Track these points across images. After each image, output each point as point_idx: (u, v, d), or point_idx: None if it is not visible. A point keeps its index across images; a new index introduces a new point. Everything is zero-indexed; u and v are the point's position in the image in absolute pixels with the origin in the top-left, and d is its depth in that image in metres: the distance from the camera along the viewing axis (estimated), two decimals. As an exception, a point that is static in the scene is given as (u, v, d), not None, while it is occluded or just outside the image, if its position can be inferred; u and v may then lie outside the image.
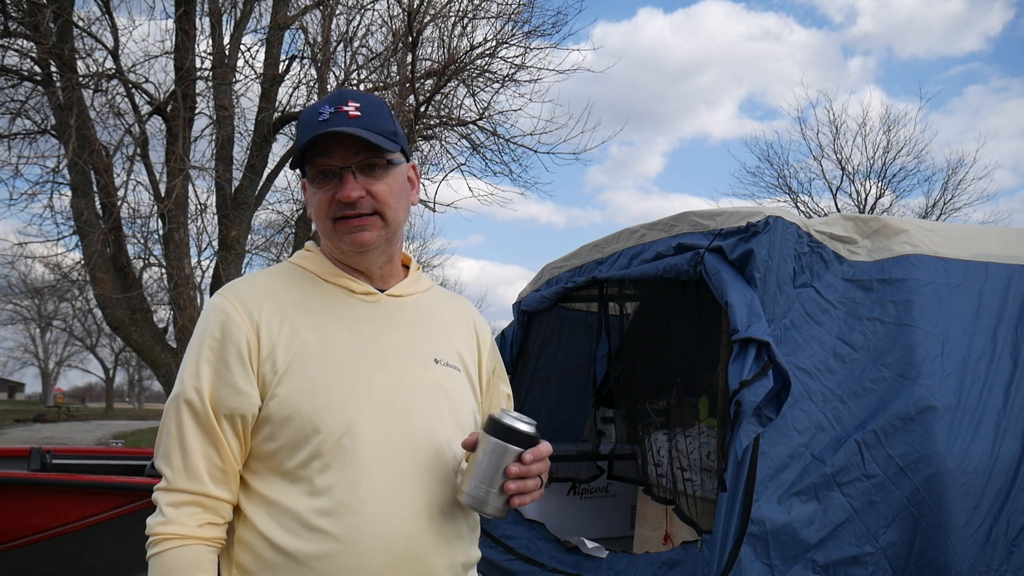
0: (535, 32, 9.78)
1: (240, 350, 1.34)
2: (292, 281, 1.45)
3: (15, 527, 4.63)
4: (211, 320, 1.38)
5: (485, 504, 1.32)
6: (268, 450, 1.35)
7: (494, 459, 1.30)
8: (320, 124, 1.37)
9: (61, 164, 8.39)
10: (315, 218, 1.44)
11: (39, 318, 40.73)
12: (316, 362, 1.36)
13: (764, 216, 2.91)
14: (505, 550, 3.74)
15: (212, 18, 9.17)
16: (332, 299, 1.44)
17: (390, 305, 1.48)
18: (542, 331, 4.46)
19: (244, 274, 10.07)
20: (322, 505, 1.30)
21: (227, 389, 1.34)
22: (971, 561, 2.67)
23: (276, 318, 1.38)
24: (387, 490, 1.33)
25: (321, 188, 1.39)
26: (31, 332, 45.15)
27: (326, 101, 1.42)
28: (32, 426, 26.39)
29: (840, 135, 20.49)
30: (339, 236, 1.41)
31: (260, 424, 1.35)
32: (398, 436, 1.37)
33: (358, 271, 1.48)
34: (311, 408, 1.32)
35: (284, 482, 1.33)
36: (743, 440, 2.64)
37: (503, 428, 1.31)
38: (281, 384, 1.33)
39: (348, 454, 1.32)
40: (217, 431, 1.34)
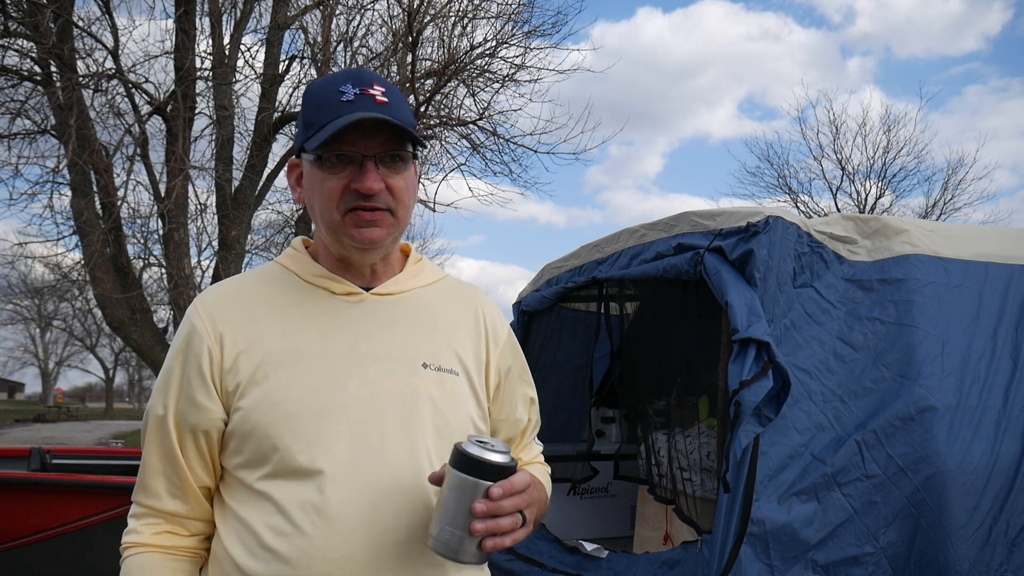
0: (535, 32, 9.79)
1: (200, 363, 1.27)
2: (271, 284, 1.36)
3: (15, 527, 4.63)
4: (181, 331, 1.33)
5: (458, 552, 1.13)
6: (235, 464, 1.27)
7: (461, 497, 1.11)
8: (346, 105, 1.25)
9: (61, 164, 8.40)
10: (319, 207, 1.30)
11: (39, 318, 40.73)
12: (280, 373, 1.25)
13: (764, 216, 2.90)
14: (505, 550, 3.74)
15: (212, 18, 9.17)
16: (309, 302, 1.33)
17: (376, 305, 1.35)
18: (542, 331, 4.46)
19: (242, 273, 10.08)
20: (277, 524, 1.21)
21: (188, 404, 1.28)
22: (971, 561, 2.67)
23: (243, 326, 1.29)
24: (345, 513, 1.21)
25: (334, 174, 1.27)
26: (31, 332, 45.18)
27: (347, 78, 1.29)
28: (32, 426, 26.40)
29: (840, 135, 20.50)
30: (346, 230, 1.28)
31: (227, 439, 1.28)
32: (365, 453, 1.24)
33: (348, 269, 1.36)
34: (269, 422, 1.23)
35: (250, 498, 1.26)
36: (743, 440, 2.64)
37: (468, 459, 1.12)
38: (243, 398, 1.25)
39: (306, 471, 1.22)
40: (175, 447, 1.28)
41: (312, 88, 1.33)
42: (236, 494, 1.28)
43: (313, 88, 1.33)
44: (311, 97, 1.32)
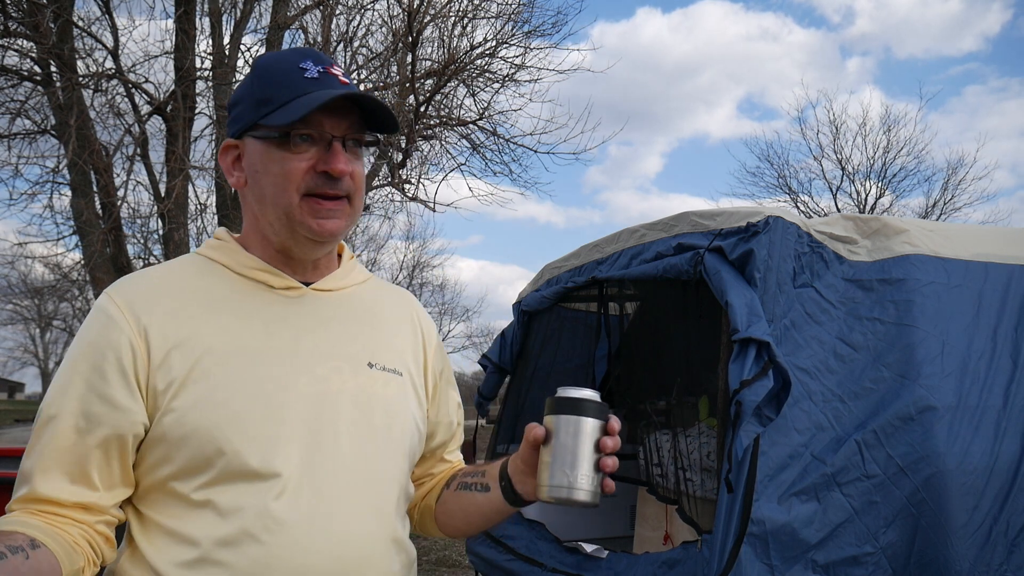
0: (535, 32, 9.80)
1: (120, 359, 1.12)
2: (197, 275, 1.24)
3: (15, 527, 4.62)
4: (90, 324, 1.16)
5: (573, 491, 1.14)
6: (163, 474, 1.14)
7: (575, 439, 1.15)
8: (312, 83, 1.18)
9: (61, 164, 8.40)
10: (273, 189, 1.19)
11: (39, 318, 40.71)
12: (223, 369, 1.14)
13: (764, 216, 2.90)
14: (505, 550, 3.74)
15: (212, 18, 9.16)
16: (245, 296, 1.23)
17: (316, 301, 1.27)
18: (542, 331, 4.46)
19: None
20: (223, 533, 1.10)
21: (101, 404, 1.11)
22: (971, 561, 2.67)
23: (172, 320, 1.16)
24: (301, 517, 1.13)
25: (297, 154, 1.18)
26: (31, 332, 45.16)
27: (304, 55, 1.22)
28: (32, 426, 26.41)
29: (840, 135, 20.52)
30: (303, 217, 1.19)
31: (152, 444, 1.14)
32: (320, 454, 1.17)
33: (286, 262, 1.27)
34: (212, 424, 1.11)
35: (183, 508, 1.13)
36: (743, 440, 2.64)
37: (575, 402, 1.16)
38: (177, 397, 1.12)
39: (256, 475, 1.12)
40: (75, 452, 1.12)
41: (264, 62, 1.25)
42: (166, 507, 1.14)
43: (266, 63, 1.24)
44: (264, 71, 1.23)
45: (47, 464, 1.12)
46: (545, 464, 1.17)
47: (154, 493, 1.16)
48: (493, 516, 1.35)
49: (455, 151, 10.27)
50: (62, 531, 1.09)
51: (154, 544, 1.13)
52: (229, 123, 1.28)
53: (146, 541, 1.14)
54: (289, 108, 1.16)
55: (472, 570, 4.62)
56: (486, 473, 1.36)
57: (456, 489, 1.40)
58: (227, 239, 1.29)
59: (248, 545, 1.10)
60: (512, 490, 1.29)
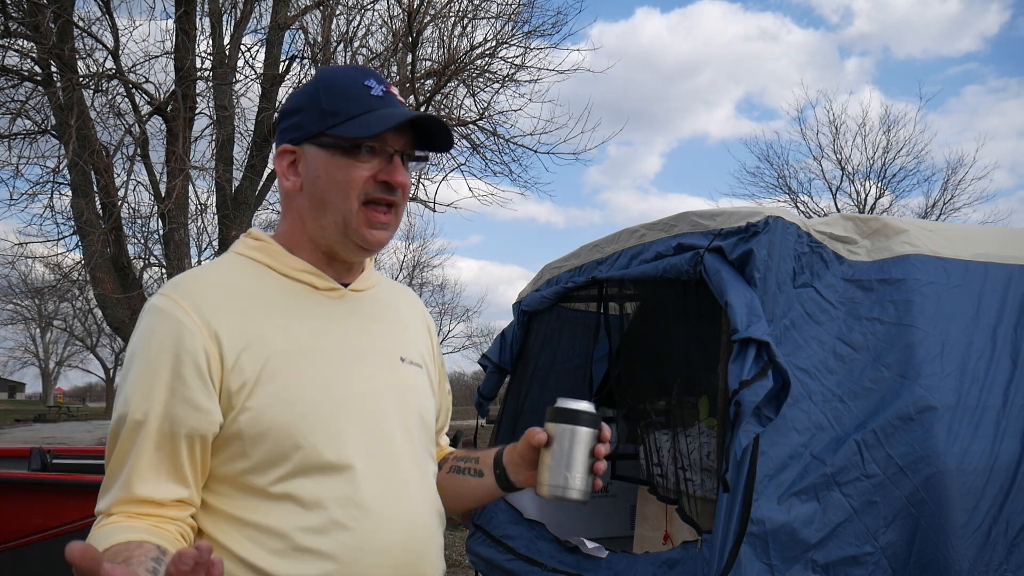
0: (535, 32, 9.80)
1: (198, 362, 1.18)
2: (247, 277, 1.30)
3: (15, 527, 4.63)
4: (158, 328, 1.21)
5: (568, 490, 1.33)
6: (238, 469, 1.21)
7: (571, 445, 1.33)
8: (377, 100, 1.29)
9: (61, 164, 8.39)
10: (335, 194, 1.27)
11: (39, 318, 40.74)
12: (289, 370, 1.23)
13: (764, 216, 2.91)
14: (505, 550, 3.74)
15: (212, 18, 9.17)
16: (294, 296, 1.30)
17: (353, 301, 1.36)
18: (542, 331, 4.46)
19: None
20: (311, 523, 1.19)
21: (185, 407, 1.18)
22: (971, 561, 2.67)
23: (237, 322, 1.22)
24: (378, 502, 1.24)
25: (359, 164, 1.27)
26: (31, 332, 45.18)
27: (366, 74, 1.33)
28: (32, 426, 26.44)
29: (840, 135, 20.53)
30: (358, 225, 1.28)
31: (226, 442, 1.21)
32: (380, 444, 1.28)
33: (329, 263, 1.35)
34: (289, 420, 1.20)
35: (260, 500, 1.20)
36: (743, 440, 2.65)
37: (572, 414, 1.34)
38: (252, 396, 1.20)
39: (333, 467, 1.21)
40: (176, 451, 1.18)
41: (330, 77, 1.34)
42: (241, 500, 1.21)
43: (332, 77, 1.34)
44: (331, 85, 1.31)
45: (142, 466, 1.18)
46: (545, 465, 1.34)
47: (226, 486, 1.23)
48: (484, 499, 1.49)
49: (455, 151, 10.27)
50: (166, 531, 1.17)
51: (234, 538, 1.20)
52: (285, 129, 1.34)
53: (221, 533, 1.21)
54: (362, 122, 1.27)
55: (472, 570, 4.62)
56: (479, 460, 1.49)
57: (448, 472, 1.51)
58: (267, 240, 1.36)
59: (338, 532, 1.20)
60: (506, 478, 1.44)
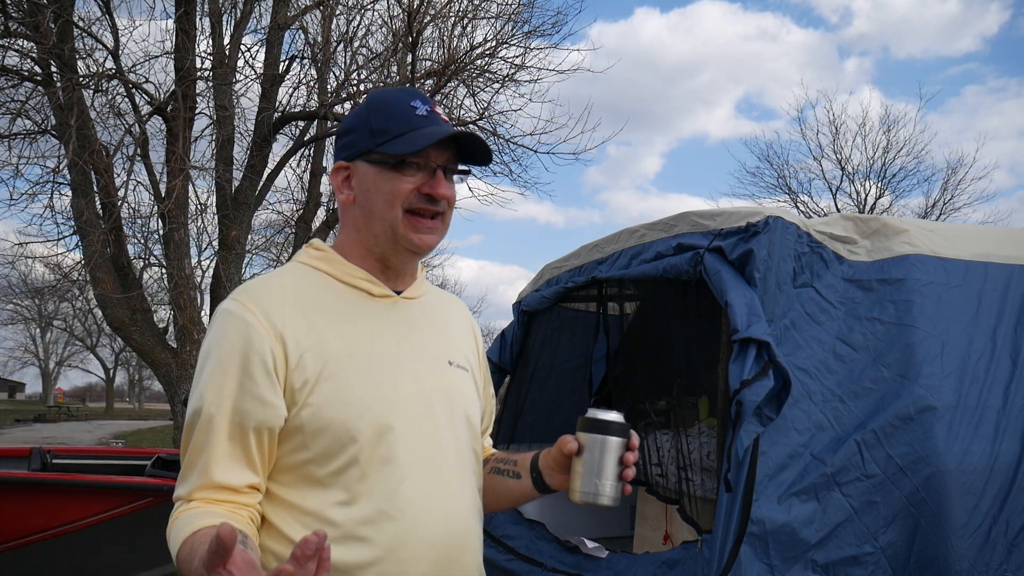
0: (535, 32, 9.80)
1: (265, 361, 1.30)
2: (309, 284, 1.42)
3: (15, 527, 4.63)
4: (230, 329, 1.33)
5: (599, 496, 1.38)
6: (299, 459, 1.32)
7: (601, 454, 1.38)
8: (423, 119, 1.39)
9: (61, 164, 8.40)
10: (382, 204, 1.39)
11: (39, 318, 40.73)
12: (347, 369, 1.34)
13: (764, 216, 2.91)
14: (505, 550, 3.74)
15: (212, 18, 9.17)
16: (352, 302, 1.42)
17: (405, 307, 1.47)
18: (542, 331, 4.46)
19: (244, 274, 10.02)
20: (361, 513, 1.30)
21: (253, 401, 1.30)
22: (971, 561, 2.67)
23: (301, 325, 1.34)
24: (422, 496, 1.34)
25: (404, 177, 1.38)
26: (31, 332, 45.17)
27: (412, 95, 1.43)
28: (32, 426, 26.44)
29: (840, 135, 20.52)
30: (405, 231, 1.39)
31: (289, 434, 1.32)
32: (427, 442, 1.38)
33: (384, 271, 1.46)
34: (346, 417, 1.31)
35: (317, 490, 1.32)
36: (744, 440, 2.65)
37: (603, 424, 1.40)
38: (313, 393, 1.31)
39: (384, 462, 1.32)
40: (236, 442, 1.30)
41: (380, 99, 1.46)
42: (300, 489, 1.32)
43: (381, 99, 1.45)
44: (379, 106, 1.43)
45: (218, 456, 1.29)
46: (577, 473, 1.41)
47: (287, 475, 1.33)
48: (521, 499, 1.59)
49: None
50: (239, 516, 1.28)
51: (290, 524, 1.31)
52: (341, 147, 1.47)
53: (280, 519, 1.32)
54: (406, 140, 1.37)
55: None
56: (518, 463, 1.58)
57: (490, 472, 1.62)
58: (327, 250, 1.47)
59: (385, 522, 1.30)
60: (542, 481, 1.52)
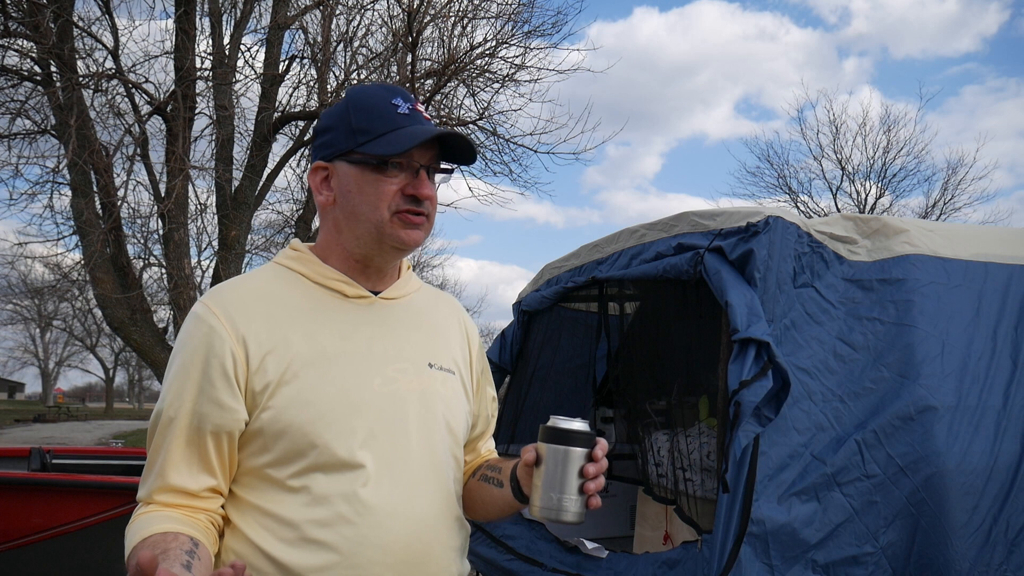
0: (535, 32, 9.79)
1: (224, 365, 1.28)
2: (281, 285, 1.40)
3: (15, 527, 4.63)
4: (194, 333, 1.32)
5: (561, 512, 1.29)
6: (260, 463, 1.31)
7: (562, 466, 1.28)
8: (404, 118, 1.35)
9: (61, 164, 8.39)
10: (367, 206, 1.36)
11: (39, 318, 40.74)
12: (310, 372, 1.31)
13: (764, 216, 2.90)
14: (505, 550, 3.74)
15: (212, 18, 9.17)
16: (323, 303, 1.39)
17: (383, 308, 1.44)
18: (542, 331, 4.46)
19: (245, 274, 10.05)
20: (319, 516, 1.27)
21: (211, 405, 1.28)
22: (971, 561, 2.67)
23: (265, 327, 1.32)
24: (384, 501, 1.31)
25: (388, 178, 1.35)
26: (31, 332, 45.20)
27: (394, 92, 1.39)
28: (32, 426, 26.43)
29: (840, 135, 20.53)
30: (394, 230, 1.36)
31: (250, 437, 1.31)
32: (394, 446, 1.34)
33: (362, 272, 1.43)
34: (305, 420, 1.29)
35: (279, 492, 1.30)
36: (743, 440, 2.64)
37: (563, 433, 1.29)
38: (274, 396, 1.29)
39: (345, 465, 1.29)
40: (195, 447, 1.29)
41: (360, 96, 1.40)
42: (262, 491, 1.31)
43: (361, 97, 1.40)
44: (360, 104, 1.38)
45: (176, 459, 1.29)
46: (536, 487, 1.31)
47: (250, 477, 1.32)
48: (506, 509, 1.50)
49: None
50: (196, 519, 1.28)
51: (252, 525, 1.30)
52: (318, 147, 1.42)
53: (243, 521, 1.31)
54: (389, 140, 1.34)
55: (472, 570, 4.62)
56: (502, 471, 1.52)
57: (479, 479, 1.57)
58: (304, 251, 1.44)
59: (342, 526, 1.27)
60: (520, 491, 1.44)
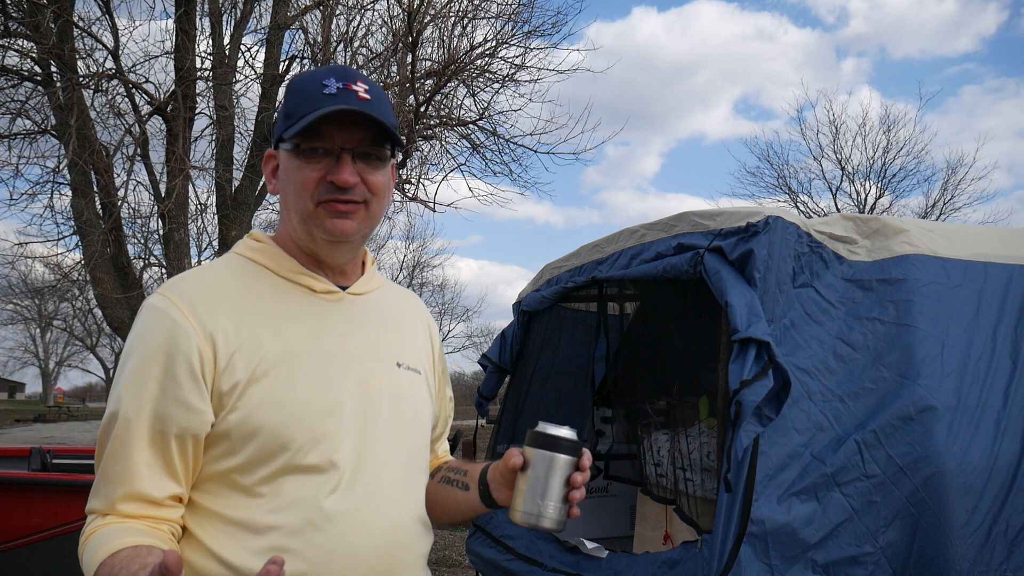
0: (535, 32, 9.79)
1: (191, 363, 1.19)
2: (245, 278, 1.31)
3: (15, 527, 4.63)
4: (154, 327, 1.21)
5: (542, 518, 1.27)
6: (225, 467, 1.22)
7: (547, 472, 1.26)
8: (328, 98, 1.24)
9: (61, 164, 8.39)
10: (292, 197, 1.29)
11: (39, 318, 40.74)
12: (280, 371, 1.23)
13: (764, 216, 2.90)
14: (505, 550, 3.74)
15: (212, 18, 9.17)
16: (292, 299, 1.31)
17: (351, 304, 1.37)
18: (542, 331, 4.46)
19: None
20: (286, 522, 1.20)
21: (176, 406, 1.19)
22: (971, 561, 2.67)
23: (232, 323, 1.23)
24: (356, 507, 1.25)
25: (309, 165, 1.26)
26: (31, 332, 45.19)
27: (331, 73, 1.29)
28: (32, 426, 26.44)
29: (840, 135, 20.54)
30: (319, 221, 1.28)
31: (215, 440, 1.22)
32: (367, 449, 1.28)
33: (319, 266, 1.35)
34: (277, 422, 1.20)
35: (243, 498, 1.21)
36: (744, 440, 2.64)
37: (552, 440, 1.27)
38: (243, 397, 1.20)
39: (316, 469, 1.22)
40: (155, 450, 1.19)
41: (295, 80, 1.34)
42: (226, 497, 1.22)
43: (296, 80, 1.34)
44: (293, 88, 1.31)
45: (137, 464, 1.19)
46: (520, 491, 1.28)
47: (212, 483, 1.23)
48: (468, 512, 1.46)
49: (455, 151, 10.26)
50: (159, 531, 1.19)
51: (213, 535, 1.21)
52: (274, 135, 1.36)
53: (201, 530, 1.22)
54: (301, 121, 1.24)
55: (472, 570, 4.62)
56: (468, 473, 1.46)
57: (440, 482, 1.50)
58: (267, 241, 1.36)
59: (312, 533, 1.20)
60: (488, 495, 1.40)
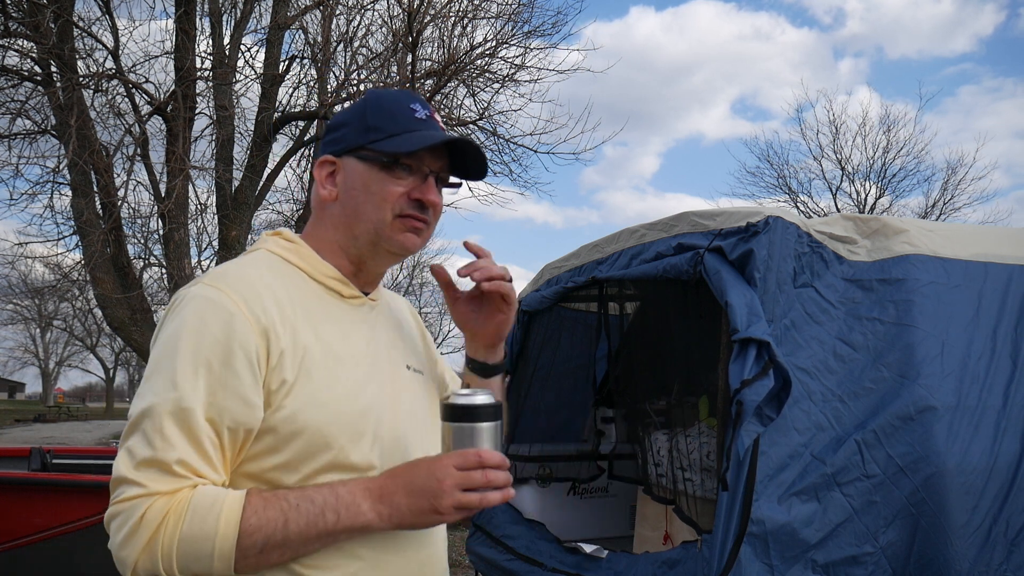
0: (535, 32, 9.79)
1: (250, 356, 1.18)
2: (281, 277, 1.32)
3: (15, 527, 4.63)
4: (210, 319, 1.19)
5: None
6: (268, 464, 1.22)
7: (472, 445, 1.19)
8: (420, 123, 1.35)
9: (61, 164, 8.40)
10: (367, 206, 1.33)
11: (39, 318, 40.77)
12: (321, 372, 1.25)
13: (764, 216, 2.90)
14: (505, 550, 3.74)
15: (212, 18, 9.17)
16: (325, 302, 1.34)
17: (371, 310, 1.42)
18: (542, 331, 4.46)
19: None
20: None
21: (234, 400, 1.17)
22: (971, 561, 2.67)
23: (279, 320, 1.24)
24: None
25: (398, 179, 1.33)
26: (31, 332, 45.23)
27: (413, 99, 1.38)
28: (32, 426, 26.45)
29: (840, 135, 20.54)
30: (393, 233, 1.33)
31: (259, 437, 1.21)
32: (394, 447, 1.33)
33: (356, 273, 1.40)
34: (321, 422, 1.22)
35: None
36: (744, 440, 2.65)
37: (470, 410, 1.19)
38: (289, 395, 1.21)
39: (357, 468, 1.26)
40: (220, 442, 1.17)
41: (378, 96, 1.40)
42: None
43: (380, 97, 1.40)
44: (376, 104, 1.38)
45: (193, 454, 1.15)
46: None
47: (248, 481, 1.22)
48: None
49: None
50: None
51: None
52: (329, 141, 1.40)
53: None
54: (401, 139, 1.32)
55: (472, 570, 4.62)
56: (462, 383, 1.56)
57: None
58: (299, 242, 1.39)
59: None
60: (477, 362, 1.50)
